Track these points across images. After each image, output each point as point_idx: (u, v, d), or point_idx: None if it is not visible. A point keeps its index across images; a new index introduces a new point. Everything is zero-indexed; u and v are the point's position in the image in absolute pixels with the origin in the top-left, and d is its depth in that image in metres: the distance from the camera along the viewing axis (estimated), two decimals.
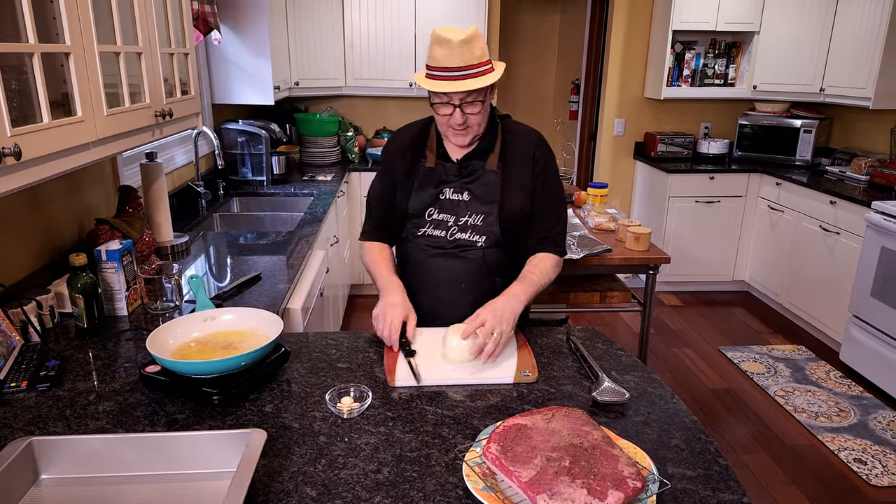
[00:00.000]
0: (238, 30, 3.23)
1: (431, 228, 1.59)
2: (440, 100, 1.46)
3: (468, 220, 1.57)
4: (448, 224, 1.58)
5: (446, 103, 1.46)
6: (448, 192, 1.58)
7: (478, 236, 1.57)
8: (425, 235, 1.60)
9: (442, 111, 1.48)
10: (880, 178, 3.61)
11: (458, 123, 1.47)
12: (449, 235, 1.58)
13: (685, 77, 4.41)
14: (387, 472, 1.02)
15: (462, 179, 1.58)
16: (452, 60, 1.40)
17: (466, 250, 1.58)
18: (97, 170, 2.14)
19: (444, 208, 1.58)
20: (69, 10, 1.24)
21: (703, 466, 1.06)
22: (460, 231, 1.58)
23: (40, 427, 1.15)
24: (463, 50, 1.39)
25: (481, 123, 1.52)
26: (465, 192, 1.57)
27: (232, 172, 3.47)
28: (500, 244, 1.58)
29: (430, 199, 1.58)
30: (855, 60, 3.77)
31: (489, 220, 1.56)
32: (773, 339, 3.86)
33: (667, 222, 4.36)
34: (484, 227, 1.57)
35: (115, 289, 1.63)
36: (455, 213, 1.58)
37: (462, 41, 1.39)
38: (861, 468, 2.60)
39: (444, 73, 1.42)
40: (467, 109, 1.46)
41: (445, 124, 1.50)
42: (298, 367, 1.37)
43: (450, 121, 1.48)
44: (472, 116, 1.47)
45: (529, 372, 1.34)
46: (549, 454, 0.97)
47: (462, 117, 1.46)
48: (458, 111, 1.45)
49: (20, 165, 1.11)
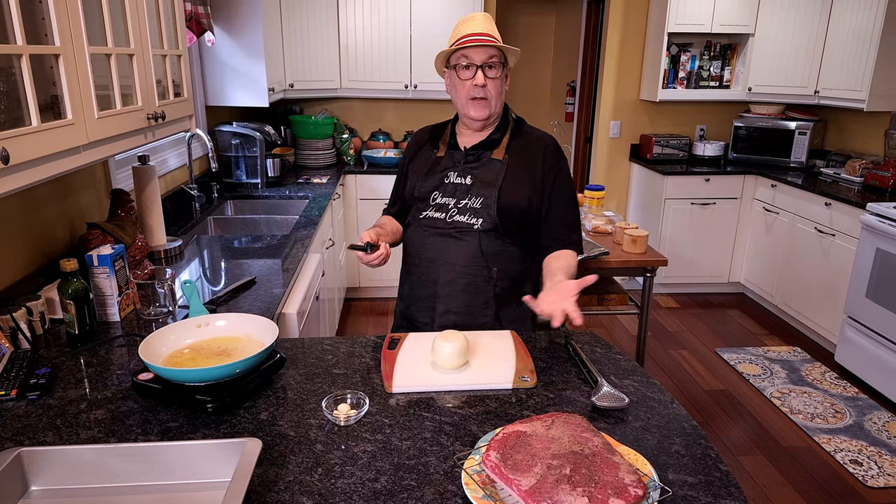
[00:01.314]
0: (232, 31, 3.20)
1: (433, 211, 1.65)
2: (464, 61, 1.57)
3: (468, 203, 1.62)
4: (448, 207, 1.64)
5: (468, 66, 1.57)
6: (452, 175, 1.65)
7: (475, 219, 1.61)
8: (427, 218, 1.66)
9: (464, 75, 1.58)
10: (875, 180, 3.62)
11: (480, 83, 1.56)
12: (448, 217, 1.63)
13: (681, 79, 4.42)
14: (384, 481, 1.01)
15: (467, 164, 1.65)
16: (478, 28, 1.57)
17: (462, 232, 1.62)
18: (89, 173, 2.11)
19: (447, 192, 1.64)
20: (58, 11, 1.22)
21: (704, 472, 1.05)
22: (459, 213, 1.62)
23: (30, 436, 1.12)
24: (486, 23, 1.58)
25: (499, 97, 1.62)
26: (469, 177, 1.63)
27: (226, 175, 3.45)
28: (497, 229, 1.61)
29: (436, 183, 1.65)
30: (849, 63, 3.79)
31: (487, 203, 1.60)
32: (769, 340, 3.86)
33: (662, 224, 4.36)
34: (482, 210, 1.60)
35: (107, 294, 1.61)
36: (456, 196, 1.63)
37: (484, 17, 1.59)
38: (857, 469, 2.59)
39: (471, 38, 1.56)
40: (489, 73, 1.57)
41: (466, 94, 1.59)
42: (294, 373, 1.35)
43: (471, 85, 1.57)
44: (492, 83, 1.58)
45: (528, 377, 1.33)
46: (549, 462, 0.96)
47: (483, 80, 1.56)
48: (480, 73, 1.56)
49: (8, 170, 1.08)
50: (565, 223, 1.68)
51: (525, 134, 1.69)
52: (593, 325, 4.07)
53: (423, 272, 1.67)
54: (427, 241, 1.65)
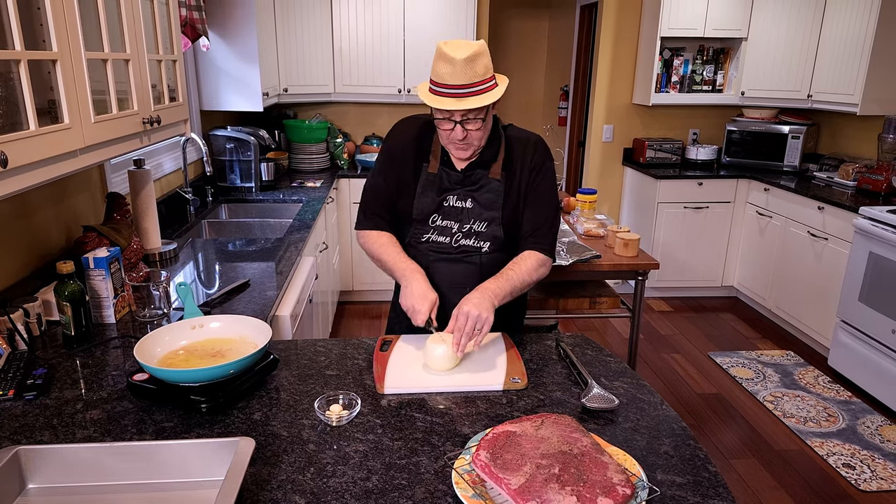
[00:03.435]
0: (226, 36, 3.22)
1: (436, 235, 1.62)
2: (442, 115, 1.47)
3: (472, 227, 1.60)
4: (452, 231, 1.61)
5: (448, 119, 1.47)
6: (452, 199, 1.60)
7: (482, 242, 1.60)
8: (430, 241, 1.62)
9: (444, 126, 1.49)
10: (868, 184, 3.65)
11: (458, 139, 1.49)
12: (454, 242, 1.60)
13: (673, 83, 4.45)
14: (376, 480, 1.02)
15: (466, 188, 1.59)
16: (455, 78, 1.41)
17: (471, 255, 1.61)
18: (85, 177, 2.12)
19: (447, 215, 1.60)
20: (56, 18, 1.24)
21: (693, 473, 1.06)
22: (465, 237, 1.60)
23: (27, 436, 1.14)
24: (466, 68, 1.40)
25: (482, 138, 1.54)
26: (469, 200, 1.59)
27: (220, 179, 3.46)
28: (505, 248, 1.61)
29: (434, 206, 1.60)
30: (842, 67, 3.82)
31: (493, 227, 1.59)
32: (762, 344, 3.88)
33: (656, 228, 4.39)
34: (488, 234, 1.59)
35: (103, 296, 1.62)
36: (459, 219, 1.60)
37: (465, 59, 1.40)
38: (850, 473, 2.61)
39: (447, 91, 1.43)
40: (468, 126, 1.47)
41: (447, 139, 1.52)
42: (287, 374, 1.37)
43: (451, 136, 1.50)
44: (473, 133, 1.49)
45: (519, 378, 1.34)
46: (538, 461, 0.97)
47: (463, 133, 1.48)
48: (460, 127, 1.47)
49: (6, 173, 1.10)
50: (538, 224, 1.60)
51: (514, 141, 1.63)
52: (586, 329, 4.09)
53: None
54: (434, 265, 1.61)
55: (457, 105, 1.42)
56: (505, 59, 6.18)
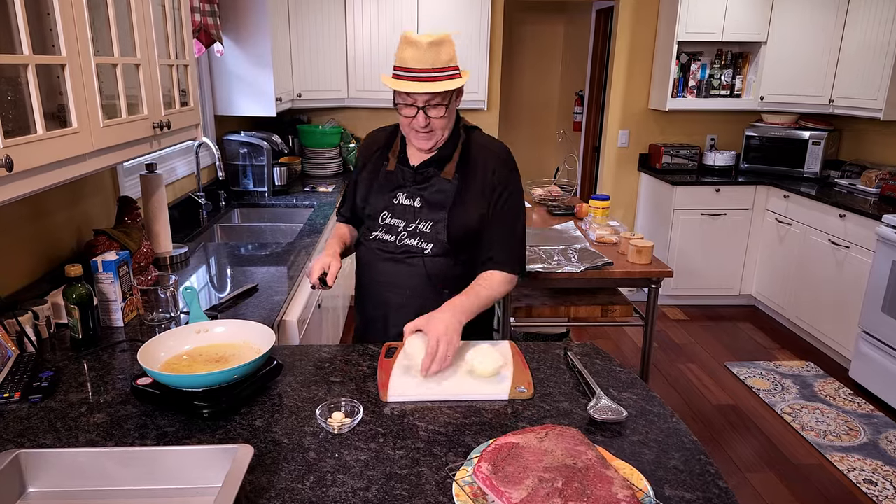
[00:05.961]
0: (240, 42, 3.24)
1: (383, 233, 1.61)
2: (404, 101, 1.47)
3: (417, 227, 1.58)
4: (398, 229, 1.59)
5: (410, 105, 1.46)
6: (401, 196, 1.59)
7: (425, 243, 1.57)
8: (376, 239, 1.62)
9: (405, 112, 1.49)
10: (892, 191, 3.56)
11: (421, 126, 1.48)
12: (398, 241, 1.59)
13: (690, 88, 4.40)
14: (376, 490, 1.00)
15: (416, 185, 1.58)
16: (419, 62, 1.42)
17: (412, 257, 1.58)
18: (97, 180, 2.14)
19: (396, 213, 1.59)
20: (65, 22, 1.24)
21: (702, 489, 1.03)
22: (409, 237, 1.58)
23: (31, 439, 1.14)
24: (430, 52, 1.41)
25: (445, 129, 1.53)
26: (418, 199, 1.58)
27: (233, 183, 3.48)
28: (448, 254, 1.57)
29: (385, 203, 1.60)
30: (865, 71, 3.74)
31: (437, 228, 1.56)
32: (781, 354, 3.80)
33: (672, 235, 4.33)
34: (432, 235, 1.56)
35: (112, 300, 1.62)
36: (406, 218, 1.58)
37: (430, 43, 1.41)
38: (871, 489, 2.54)
39: (410, 74, 1.43)
40: (431, 113, 1.47)
41: (408, 126, 1.52)
42: (291, 380, 1.36)
43: (413, 123, 1.49)
44: (436, 120, 1.49)
45: (525, 388, 1.32)
46: (541, 475, 0.95)
47: (425, 120, 1.47)
48: (422, 113, 1.46)
49: (12, 177, 1.10)
50: (502, 243, 1.58)
51: (476, 146, 1.60)
52: (599, 337, 4.04)
53: (374, 295, 1.66)
54: (377, 265, 1.62)
55: (420, 87, 1.42)
56: (520, 63, 6.16)
